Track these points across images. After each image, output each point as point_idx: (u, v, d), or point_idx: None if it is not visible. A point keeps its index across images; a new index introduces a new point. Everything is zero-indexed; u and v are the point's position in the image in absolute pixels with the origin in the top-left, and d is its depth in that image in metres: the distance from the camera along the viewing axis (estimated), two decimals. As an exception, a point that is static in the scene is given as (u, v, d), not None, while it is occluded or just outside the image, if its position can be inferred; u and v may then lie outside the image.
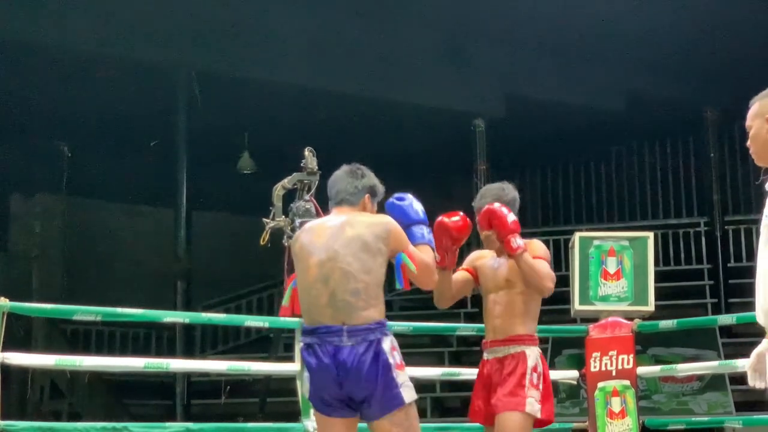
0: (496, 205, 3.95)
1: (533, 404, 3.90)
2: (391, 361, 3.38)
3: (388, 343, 3.41)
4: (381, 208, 3.70)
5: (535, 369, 3.94)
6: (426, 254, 3.56)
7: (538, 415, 3.91)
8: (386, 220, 3.54)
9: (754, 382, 3.07)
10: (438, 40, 10.99)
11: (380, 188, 3.69)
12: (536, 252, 3.97)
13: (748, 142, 3.12)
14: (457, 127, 11.43)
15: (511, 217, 3.94)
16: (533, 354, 3.96)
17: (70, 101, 10.80)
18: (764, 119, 3.02)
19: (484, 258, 4.14)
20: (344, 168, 3.69)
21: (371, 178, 3.67)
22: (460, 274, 4.15)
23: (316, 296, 3.46)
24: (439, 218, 3.95)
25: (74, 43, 9.96)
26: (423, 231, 3.60)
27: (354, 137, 11.64)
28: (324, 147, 4.84)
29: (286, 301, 3.74)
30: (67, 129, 11.45)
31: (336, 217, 3.60)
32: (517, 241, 3.91)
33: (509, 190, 4.09)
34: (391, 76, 10.92)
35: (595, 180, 13.55)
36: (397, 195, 3.68)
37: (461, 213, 3.98)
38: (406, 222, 3.60)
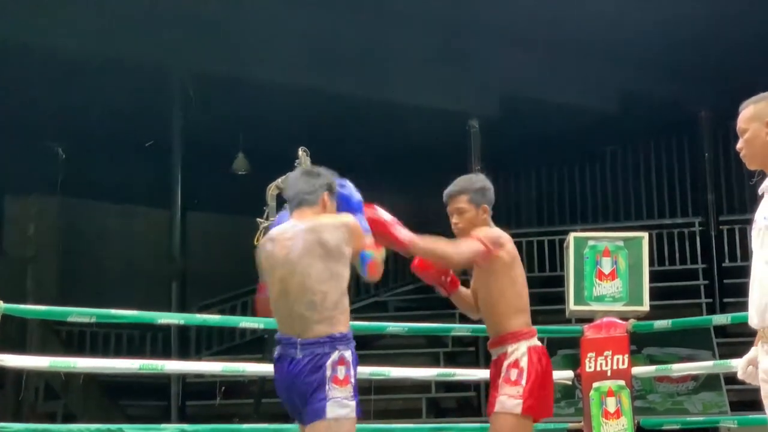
0: (372, 211, 3.75)
1: (503, 402, 3.81)
2: (327, 374, 3.34)
3: (335, 357, 3.36)
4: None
5: (515, 365, 3.84)
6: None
7: (516, 411, 3.79)
8: (346, 220, 3.52)
9: (750, 381, 3.11)
10: (433, 41, 10.99)
11: (335, 185, 3.66)
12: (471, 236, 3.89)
13: (740, 145, 3.14)
14: (451, 127, 11.43)
15: (387, 216, 3.76)
16: (516, 350, 3.86)
17: (65, 102, 10.79)
18: (763, 123, 3.05)
19: None
20: (298, 170, 3.74)
21: (327, 176, 3.64)
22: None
23: (280, 309, 3.50)
24: (414, 263, 3.95)
25: (68, 44, 9.94)
26: (364, 222, 3.60)
27: (349, 138, 11.65)
28: (319, 147, 4.83)
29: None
30: (62, 130, 11.44)
31: (296, 224, 3.54)
32: (402, 233, 3.73)
33: (478, 179, 4.06)
34: (386, 77, 10.91)
35: (590, 180, 13.56)
36: (338, 181, 3.64)
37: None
38: (351, 211, 3.59)
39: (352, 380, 3.38)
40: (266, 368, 6.52)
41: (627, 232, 5.56)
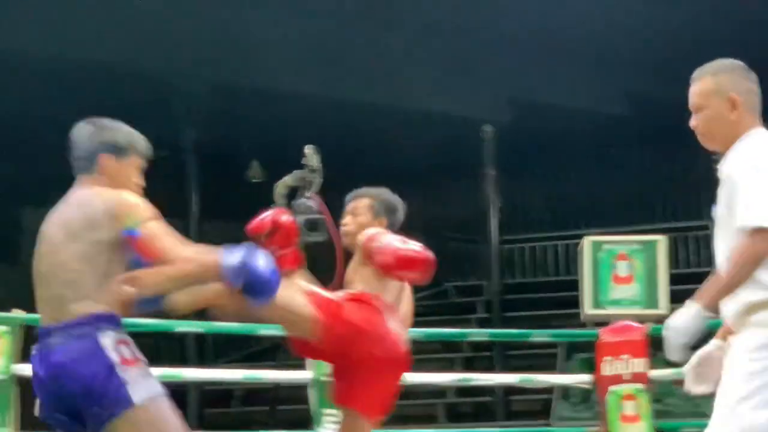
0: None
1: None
2: (113, 356, 2.84)
3: (112, 337, 2.87)
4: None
5: None
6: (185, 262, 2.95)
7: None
8: (112, 195, 3.05)
9: (692, 387, 2.71)
10: (446, 48, 11.01)
11: (125, 142, 3.09)
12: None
13: (694, 122, 2.74)
14: (465, 133, 11.44)
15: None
16: None
17: (79, 114, 10.82)
18: (726, 98, 2.71)
19: None
20: (80, 125, 3.08)
21: (112, 132, 3.08)
22: None
23: (38, 295, 3.07)
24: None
25: (80, 55, 10.00)
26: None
27: (363, 145, 11.67)
28: (334, 155, 4.86)
29: None
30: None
31: (69, 197, 3.12)
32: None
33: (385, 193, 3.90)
34: (399, 85, 10.94)
35: (605, 183, 13.52)
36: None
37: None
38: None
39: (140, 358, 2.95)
40: (285, 375, 6.58)
41: (642, 235, 5.57)
